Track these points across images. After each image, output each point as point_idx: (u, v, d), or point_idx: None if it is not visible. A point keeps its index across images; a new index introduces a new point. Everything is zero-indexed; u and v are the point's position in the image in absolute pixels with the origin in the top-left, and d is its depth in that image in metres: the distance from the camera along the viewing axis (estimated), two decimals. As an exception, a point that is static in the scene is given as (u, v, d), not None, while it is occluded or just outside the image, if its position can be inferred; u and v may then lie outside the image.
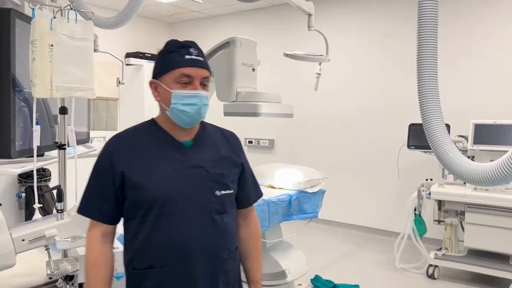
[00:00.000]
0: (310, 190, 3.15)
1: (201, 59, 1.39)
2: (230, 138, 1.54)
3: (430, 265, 3.86)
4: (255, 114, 2.59)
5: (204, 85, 1.39)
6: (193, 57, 1.37)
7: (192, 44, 1.40)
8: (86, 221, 1.42)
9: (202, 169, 1.40)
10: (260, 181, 3.33)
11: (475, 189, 3.68)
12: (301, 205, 3.09)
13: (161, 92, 1.39)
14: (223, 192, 1.42)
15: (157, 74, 1.40)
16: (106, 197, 1.38)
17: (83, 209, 1.43)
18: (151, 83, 1.42)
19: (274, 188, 3.17)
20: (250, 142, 6.17)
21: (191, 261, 1.36)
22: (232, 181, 1.47)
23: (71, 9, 1.72)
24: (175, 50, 1.38)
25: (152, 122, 1.46)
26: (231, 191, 1.46)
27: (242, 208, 1.56)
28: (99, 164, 1.41)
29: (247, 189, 1.56)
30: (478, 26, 4.56)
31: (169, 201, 1.34)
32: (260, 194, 1.64)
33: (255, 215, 1.63)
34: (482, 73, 4.54)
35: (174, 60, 1.36)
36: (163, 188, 1.34)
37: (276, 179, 3.24)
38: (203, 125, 1.50)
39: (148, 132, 1.44)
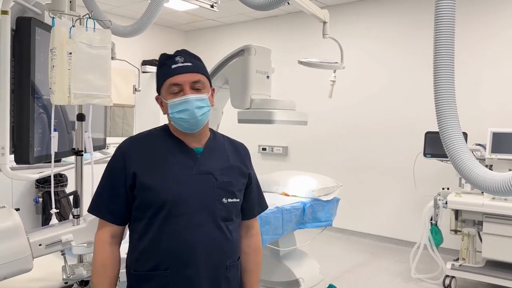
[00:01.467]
0: (324, 198, 3.13)
1: (189, 64, 1.40)
2: (239, 148, 1.57)
3: (447, 276, 3.79)
4: (269, 121, 2.59)
5: (197, 89, 1.40)
6: (179, 64, 1.39)
7: (179, 53, 1.43)
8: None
9: (211, 176, 1.42)
10: (273, 188, 3.36)
11: (493, 198, 3.61)
12: (315, 213, 3.07)
13: (164, 105, 1.44)
14: (229, 200, 1.44)
15: (157, 90, 1.46)
16: (117, 197, 1.40)
17: (93, 209, 1.45)
18: (156, 99, 1.47)
19: (288, 195, 3.16)
20: (264, 149, 6.13)
21: (196, 265, 1.37)
22: (239, 190, 1.48)
23: (89, 17, 1.75)
24: (163, 64, 1.42)
25: (165, 127, 1.50)
26: (237, 200, 1.47)
27: (246, 220, 1.57)
28: (112, 163, 1.44)
29: (251, 200, 1.57)
30: (495, 31, 4.49)
31: (177, 204, 1.36)
32: (264, 207, 1.65)
33: (257, 228, 1.63)
34: (501, 80, 4.47)
35: (163, 73, 1.41)
36: (173, 191, 1.37)
37: (290, 186, 3.23)
38: (214, 133, 1.53)
39: (161, 137, 1.47)
